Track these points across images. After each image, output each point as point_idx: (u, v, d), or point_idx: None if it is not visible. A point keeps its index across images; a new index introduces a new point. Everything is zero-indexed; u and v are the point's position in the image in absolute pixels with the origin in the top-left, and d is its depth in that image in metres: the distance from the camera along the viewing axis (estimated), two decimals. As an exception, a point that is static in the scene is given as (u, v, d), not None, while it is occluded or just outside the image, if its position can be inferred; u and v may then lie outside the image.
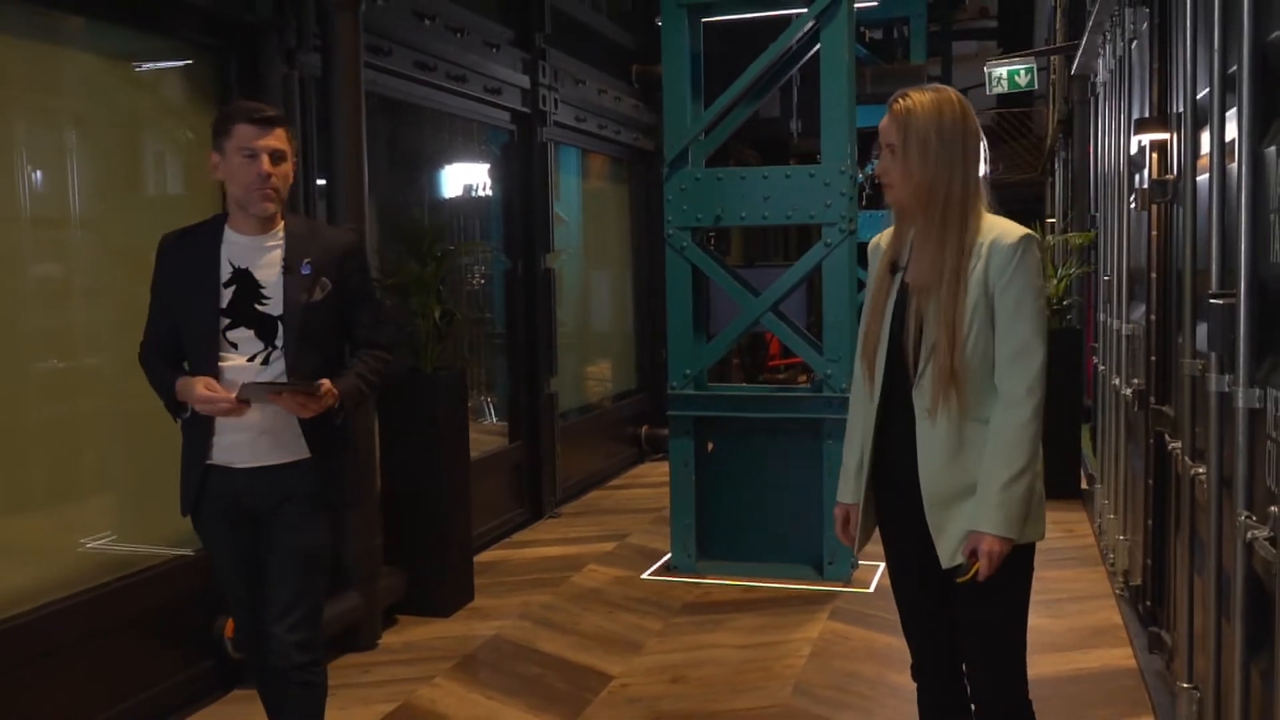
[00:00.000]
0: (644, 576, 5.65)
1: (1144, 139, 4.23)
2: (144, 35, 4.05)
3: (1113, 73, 5.47)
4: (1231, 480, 2.48)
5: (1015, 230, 2.37)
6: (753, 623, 4.88)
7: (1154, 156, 4.18)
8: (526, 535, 6.63)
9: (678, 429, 5.68)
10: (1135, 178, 4.82)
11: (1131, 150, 4.74)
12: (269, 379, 2.79)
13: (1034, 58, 11.76)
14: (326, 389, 2.77)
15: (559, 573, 5.73)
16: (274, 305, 2.83)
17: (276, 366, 2.82)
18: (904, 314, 2.42)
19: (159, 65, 4.21)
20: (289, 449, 2.85)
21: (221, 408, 2.75)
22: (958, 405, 2.33)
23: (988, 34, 18.75)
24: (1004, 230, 2.36)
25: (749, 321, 5.66)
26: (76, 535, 3.80)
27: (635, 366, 9.31)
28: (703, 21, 5.71)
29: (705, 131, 5.70)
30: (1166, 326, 4.04)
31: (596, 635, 4.77)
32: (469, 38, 6.03)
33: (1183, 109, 3.31)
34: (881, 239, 2.57)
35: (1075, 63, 7.15)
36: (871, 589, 5.28)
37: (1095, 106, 6.72)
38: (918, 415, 2.38)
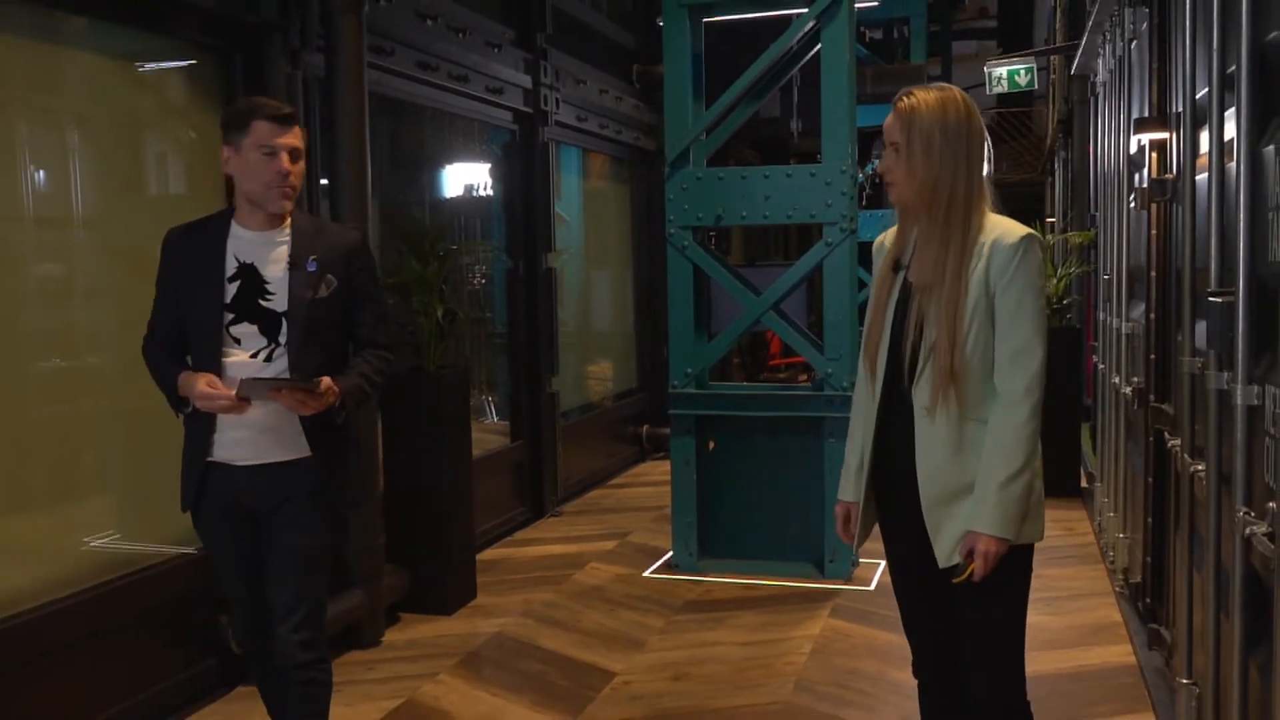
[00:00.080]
0: (645, 574, 5.66)
1: (1143, 138, 4.24)
2: (148, 35, 4.05)
3: (1112, 73, 5.48)
4: (1230, 477, 2.49)
5: (1017, 230, 2.36)
6: (754, 620, 4.90)
7: (1153, 156, 4.19)
8: (528, 534, 6.64)
9: (679, 427, 5.70)
10: (1135, 177, 4.83)
11: (1131, 150, 4.76)
12: (271, 375, 2.76)
13: (1034, 58, 11.76)
14: (327, 386, 2.73)
15: (561, 571, 5.75)
16: (279, 301, 2.80)
17: (280, 363, 2.79)
18: (906, 313, 2.41)
19: (163, 65, 4.22)
20: (291, 447, 2.82)
21: (221, 405, 2.71)
22: (956, 405, 2.33)
23: (988, 34, 18.78)
24: (1006, 230, 2.36)
25: (750, 320, 5.67)
26: (79, 534, 3.80)
27: (636, 366, 9.32)
28: (704, 21, 5.72)
29: (706, 131, 5.71)
30: (1166, 325, 4.05)
31: (598, 633, 4.79)
32: (471, 38, 6.05)
33: (1182, 109, 3.33)
34: (886, 238, 2.57)
35: (1075, 63, 7.17)
36: (872, 586, 5.30)
37: (1095, 106, 6.73)
38: (916, 414, 2.38)
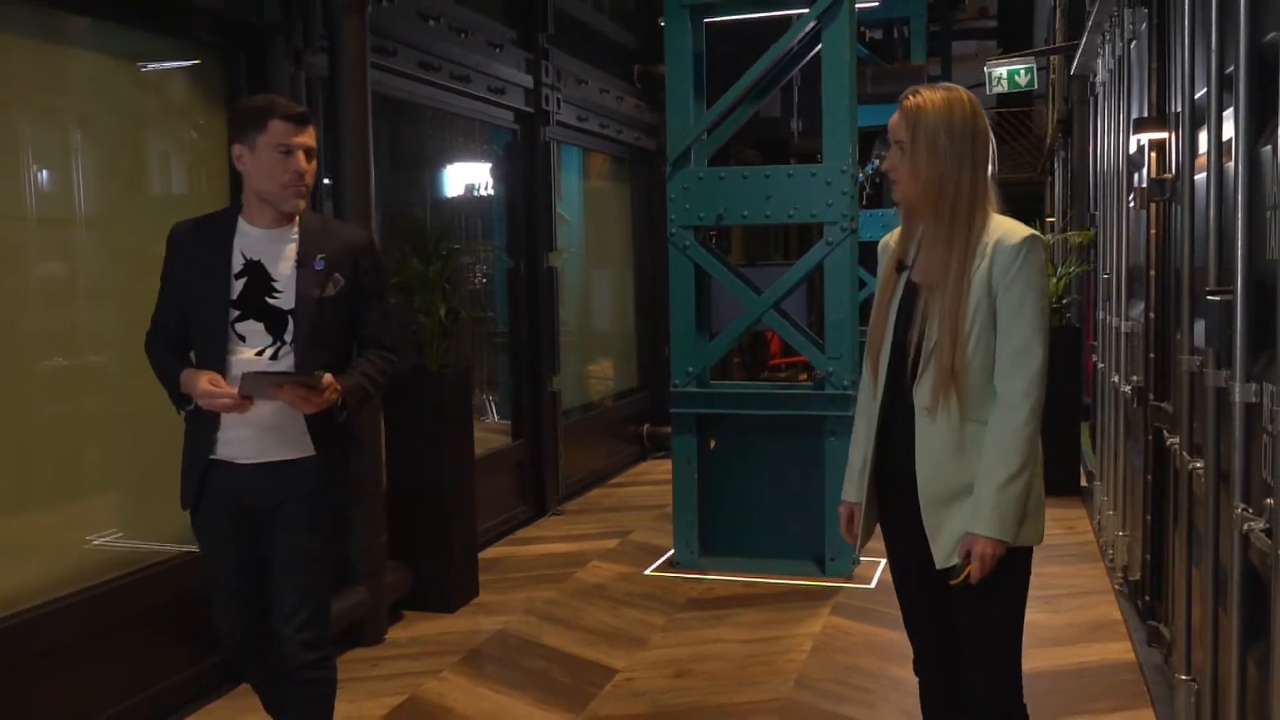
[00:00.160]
0: (647, 572, 5.68)
1: (1143, 138, 4.25)
2: (151, 36, 4.07)
3: (1112, 73, 5.50)
4: (1228, 474, 2.51)
5: (1020, 230, 2.36)
6: (755, 618, 4.92)
7: (1152, 156, 4.21)
8: (530, 532, 6.66)
9: (680, 426, 5.72)
10: (1134, 177, 4.84)
11: (1130, 149, 4.77)
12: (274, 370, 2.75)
13: (1034, 58, 11.77)
14: (328, 382, 2.69)
15: (563, 569, 5.76)
16: (285, 299, 2.78)
17: (285, 361, 2.76)
18: (909, 312, 2.42)
19: (166, 66, 4.23)
20: (294, 445, 2.81)
21: (224, 404, 2.69)
22: (957, 405, 2.32)
23: (988, 34, 18.77)
24: (1009, 230, 2.36)
25: (751, 319, 5.69)
26: (82, 532, 3.81)
27: (637, 365, 9.34)
28: (705, 22, 5.74)
29: (708, 131, 5.73)
30: (1165, 324, 4.07)
31: (601, 630, 4.81)
32: (473, 38, 6.06)
33: (1181, 109, 3.34)
34: (891, 238, 2.57)
35: (1075, 63, 7.18)
36: (873, 584, 5.32)
37: (1094, 106, 6.75)
38: (917, 414, 2.38)
